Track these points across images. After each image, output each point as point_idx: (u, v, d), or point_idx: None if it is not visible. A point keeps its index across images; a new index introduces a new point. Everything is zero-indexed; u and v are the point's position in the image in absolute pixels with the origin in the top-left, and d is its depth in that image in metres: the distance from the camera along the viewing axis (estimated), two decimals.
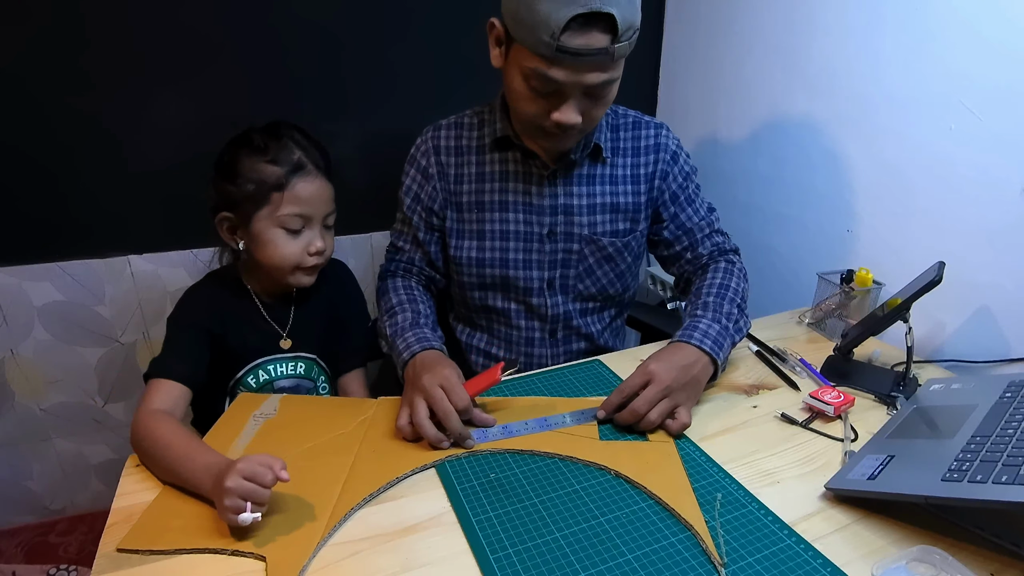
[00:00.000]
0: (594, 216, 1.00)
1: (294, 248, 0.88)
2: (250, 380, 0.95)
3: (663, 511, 0.67)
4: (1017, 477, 0.57)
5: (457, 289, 1.07)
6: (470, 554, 0.62)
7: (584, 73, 0.79)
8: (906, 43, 1.03)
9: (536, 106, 0.85)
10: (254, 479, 0.61)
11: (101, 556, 0.61)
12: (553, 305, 1.03)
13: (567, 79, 0.80)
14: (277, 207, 0.86)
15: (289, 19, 1.27)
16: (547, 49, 0.77)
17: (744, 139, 1.42)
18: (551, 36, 0.75)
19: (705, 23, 1.47)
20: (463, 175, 1.00)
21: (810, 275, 1.16)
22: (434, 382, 0.78)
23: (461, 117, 1.02)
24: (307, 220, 0.88)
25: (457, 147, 1.00)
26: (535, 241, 1.00)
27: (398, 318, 0.94)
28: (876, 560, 0.60)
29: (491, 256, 1.01)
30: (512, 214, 0.99)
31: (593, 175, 0.99)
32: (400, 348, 0.88)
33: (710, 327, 0.87)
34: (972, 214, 0.98)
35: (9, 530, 1.46)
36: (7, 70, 1.14)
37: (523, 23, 0.77)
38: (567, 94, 0.82)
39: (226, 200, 0.87)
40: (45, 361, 1.34)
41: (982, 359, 0.97)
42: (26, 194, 1.22)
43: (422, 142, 1.02)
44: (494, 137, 0.97)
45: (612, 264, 1.03)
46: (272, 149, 0.86)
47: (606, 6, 0.74)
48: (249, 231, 0.88)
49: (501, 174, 0.99)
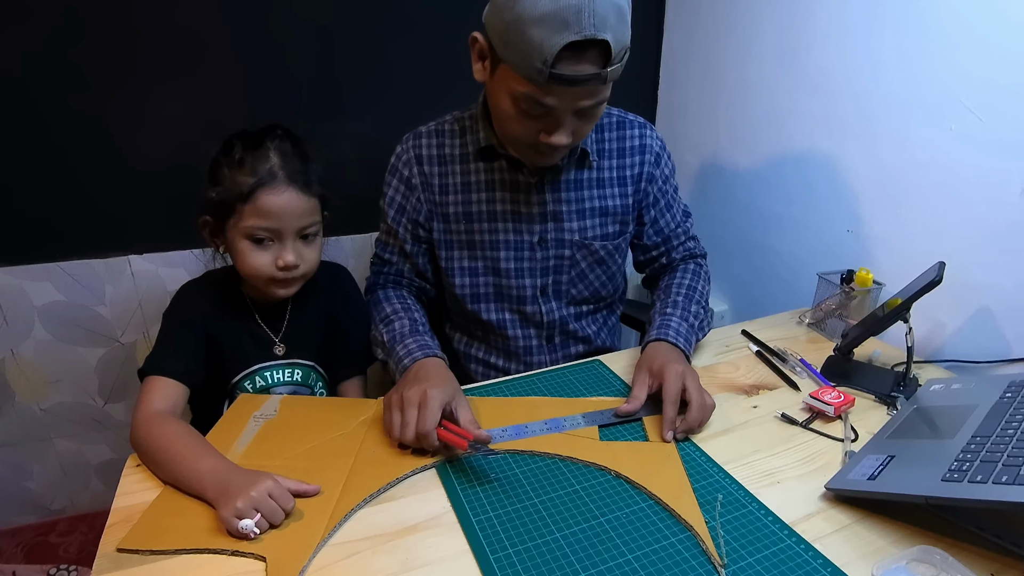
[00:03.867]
0: (584, 221, 0.99)
1: (263, 260, 0.86)
2: (247, 385, 0.94)
3: (663, 511, 0.67)
4: (1017, 477, 0.57)
5: (451, 300, 1.07)
6: (470, 554, 0.62)
7: (577, 98, 0.78)
8: (906, 43, 1.03)
9: (525, 127, 0.83)
10: (278, 501, 0.64)
11: (101, 556, 0.61)
12: (548, 312, 1.03)
13: (559, 104, 0.79)
14: (241, 218, 0.83)
15: (288, 19, 1.27)
16: (539, 76, 0.74)
17: (744, 139, 1.42)
18: (543, 63, 0.73)
19: (705, 23, 1.47)
20: (447, 185, 0.98)
21: (810, 275, 1.16)
22: (414, 400, 0.75)
23: (441, 124, 1.00)
24: (275, 233, 0.85)
25: (440, 156, 0.98)
26: (526, 249, 0.99)
27: (395, 325, 0.92)
28: (876, 560, 0.60)
29: (483, 266, 1.00)
30: (501, 223, 0.98)
31: (580, 179, 0.99)
32: (401, 354, 0.87)
33: (680, 325, 0.93)
34: (972, 215, 0.98)
35: (9, 530, 1.46)
36: (7, 70, 1.14)
37: (513, 47, 0.75)
38: (559, 117, 0.81)
39: (206, 204, 0.86)
40: (45, 361, 1.34)
41: (982, 359, 0.97)
42: (26, 194, 1.22)
43: (403, 151, 1.00)
44: (478, 147, 0.95)
45: (604, 267, 1.03)
46: (248, 158, 0.83)
47: (600, 32, 0.72)
48: (225, 238, 0.87)
49: (488, 183, 0.97)
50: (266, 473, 0.66)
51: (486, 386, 0.92)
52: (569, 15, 0.70)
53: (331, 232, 0.95)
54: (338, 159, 1.42)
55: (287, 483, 0.66)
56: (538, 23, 0.71)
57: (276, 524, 0.64)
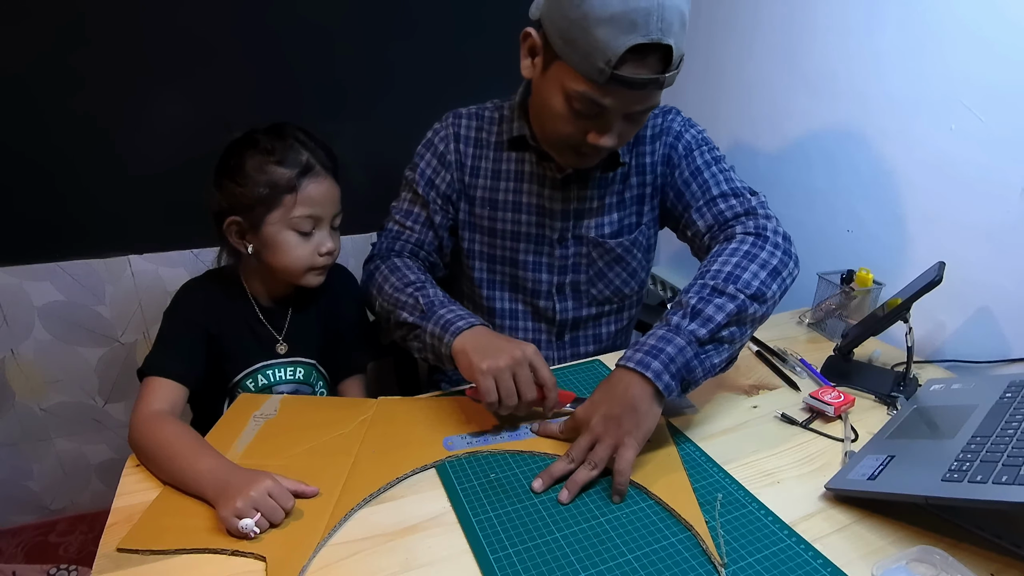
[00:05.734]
0: (602, 218, 0.99)
1: (305, 250, 0.88)
2: (248, 384, 0.95)
3: (663, 511, 0.67)
4: (1017, 477, 0.57)
5: (467, 285, 1.06)
6: (470, 554, 0.62)
7: (633, 102, 0.78)
8: (906, 43, 1.03)
9: (573, 127, 0.82)
10: (278, 500, 0.64)
11: (101, 556, 0.61)
12: (562, 310, 1.03)
13: (616, 106, 0.78)
14: (289, 209, 0.85)
15: (289, 19, 1.27)
16: (600, 76, 0.73)
17: (744, 139, 1.42)
18: (607, 63, 0.72)
19: (705, 23, 1.47)
20: (479, 168, 0.99)
21: (810, 275, 1.16)
22: (524, 359, 0.74)
23: (482, 109, 1.00)
24: (317, 221, 0.88)
25: (476, 139, 0.99)
26: (545, 244, 0.99)
27: (429, 291, 0.86)
28: (876, 560, 0.60)
29: (501, 254, 1.01)
30: (524, 215, 0.98)
31: (607, 177, 0.97)
32: (449, 317, 0.80)
33: (661, 340, 0.73)
34: (972, 214, 0.98)
35: (9, 530, 1.46)
36: (7, 71, 1.14)
37: (575, 45, 0.74)
38: (610, 119, 0.80)
39: (233, 204, 0.85)
40: (45, 361, 1.34)
41: (982, 359, 0.97)
42: (26, 194, 1.22)
43: (442, 127, 1.00)
44: (511, 136, 0.96)
45: (623, 264, 1.02)
46: (279, 150, 0.85)
47: (666, 37, 0.71)
48: (260, 235, 0.87)
49: (516, 174, 0.98)
50: (265, 472, 0.66)
51: None
52: (638, 17, 0.70)
53: None
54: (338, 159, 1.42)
55: (286, 483, 0.66)
56: (606, 23, 0.70)
57: (276, 523, 0.63)
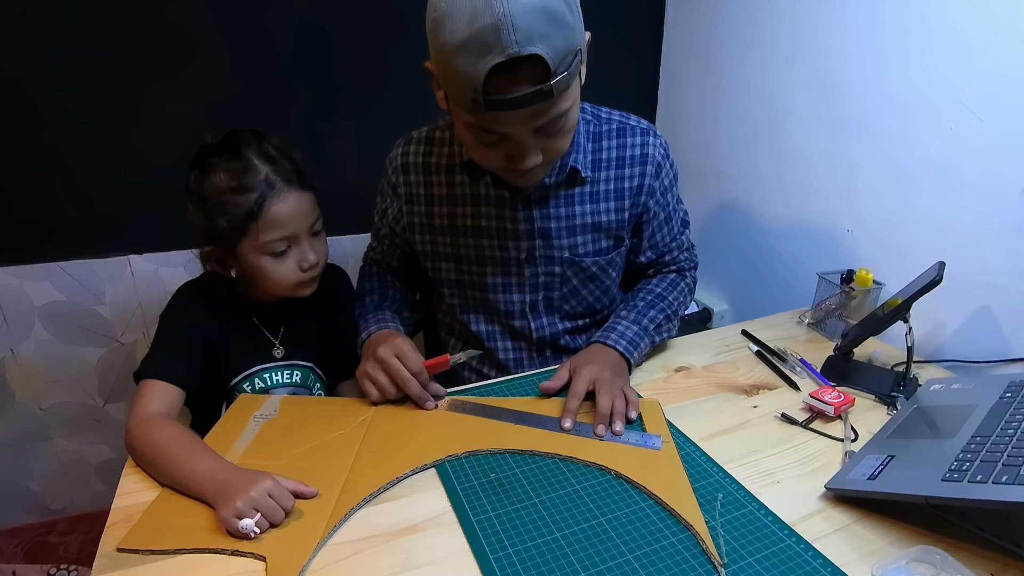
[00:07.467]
0: (574, 238, 0.95)
1: (287, 269, 0.85)
2: (246, 387, 0.94)
3: (663, 511, 0.67)
4: (1017, 477, 0.57)
5: (443, 309, 1.08)
6: (470, 554, 0.62)
7: (528, 119, 0.71)
8: (906, 43, 1.03)
9: (490, 154, 0.78)
10: (278, 500, 0.64)
11: (101, 556, 0.61)
12: (538, 328, 1.01)
13: (511, 129, 0.72)
14: (257, 236, 0.81)
15: (286, 18, 1.27)
16: (476, 105, 0.68)
17: (744, 139, 1.42)
18: (475, 92, 0.67)
19: (705, 23, 1.47)
20: (433, 196, 0.95)
21: (810, 275, 1.16)
22: (389, 352, 0.82)
23: (432, 131, 0.96)
24: (292, 239, 0.84)
25: (426, 164, 0.95)
26: (512, 265, 0.96)
27: (365, 300, 0.98)
28: (876, 560, 0.60)
29: (469, 279, 0.99)
30: (487, 240, 0.94)
31: (571, 195, 0.93)
32: (360, 330, 0.92)
33: (628, 329, 0.92)
34: (972, 214, 0.98)
35: (9, 530, 1.46)
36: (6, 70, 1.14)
37: (447, 79, 0.70)
38: (518, 141, 0.74)
39: (206, 232, 0.83)
40: (45, 361, 1.34)
41: (982, 359, 0.97)
42: (26, 194, 1.22)
43: (394, 156, 0.97)
44: (463, 159, 0.91)
45: (597, 282, 1.00)
46: (236, 173, 0.80)
47: (526, 47, 0.64)
48: (237, 262, 0.85)
49: (473, 198, 0.93)
50: (265, 472, 0.66)
51: (472, 388, 0.92)
52: (487, 36, 0.64)
53: (331, 232, 0.95)
54: (337, 159, 1.42)
55: (286, 483, 0.66)
56: (460, 51, 0.65)
57: (276, 523, 0.63)
